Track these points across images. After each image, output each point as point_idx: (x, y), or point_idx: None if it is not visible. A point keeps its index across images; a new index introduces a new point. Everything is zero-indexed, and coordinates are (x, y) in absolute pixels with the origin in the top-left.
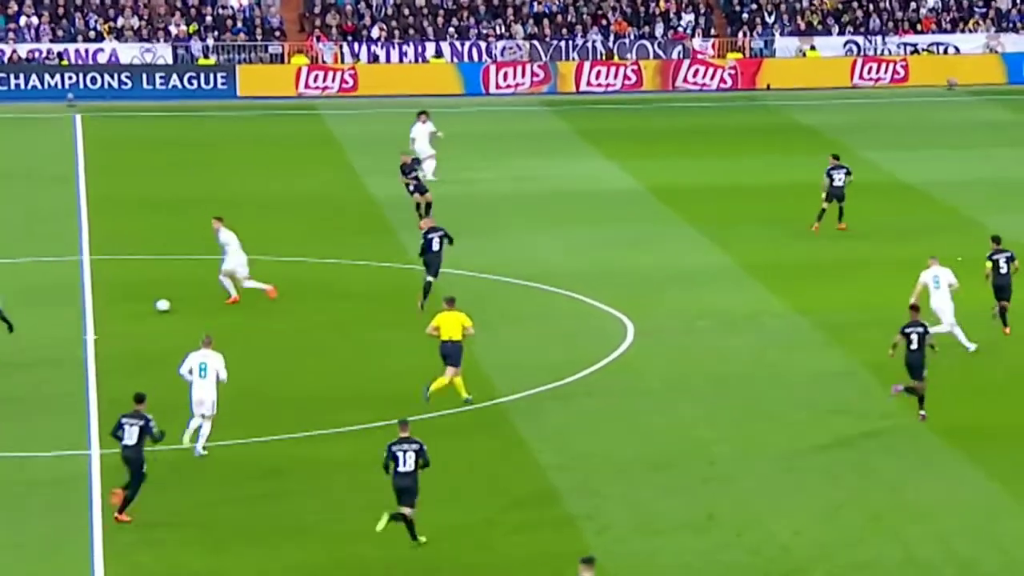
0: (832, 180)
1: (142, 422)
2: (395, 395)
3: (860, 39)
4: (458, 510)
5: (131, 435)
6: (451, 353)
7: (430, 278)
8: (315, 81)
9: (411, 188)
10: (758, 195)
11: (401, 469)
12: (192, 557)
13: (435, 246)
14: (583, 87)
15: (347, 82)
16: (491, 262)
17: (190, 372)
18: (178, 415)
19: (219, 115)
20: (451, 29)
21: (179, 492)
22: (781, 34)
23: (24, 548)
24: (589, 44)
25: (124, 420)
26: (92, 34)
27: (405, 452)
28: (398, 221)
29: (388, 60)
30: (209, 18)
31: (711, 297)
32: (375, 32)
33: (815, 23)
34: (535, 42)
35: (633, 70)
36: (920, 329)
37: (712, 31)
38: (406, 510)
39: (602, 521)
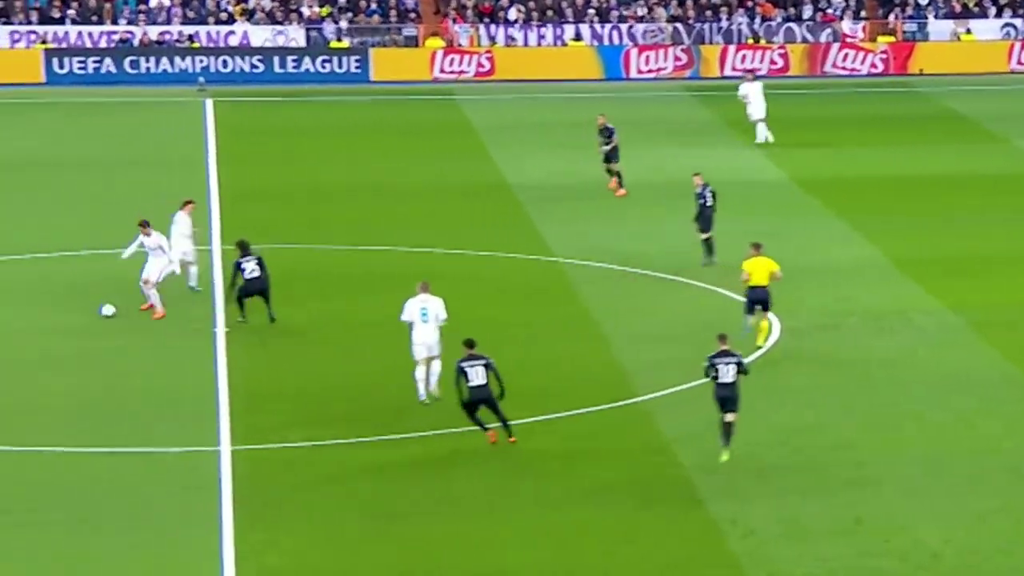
0: None
1: (483, 362)
2: (537, 388)
3: (1018, 21)
4: (598, 511)
5: (477, 374)
6: (759, 299)
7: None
8: (450, 65)
9: (604, 154)
10: (909, 186)
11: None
12: (320, 558)
13: (709, 200)
14: (727, 72)
15: (483, 66)
16: (629, 253)
17: (411, 317)
18: (308, 412)
19: (351, 100)
20: (591, 11)
21: (308, 492)
22: (935, 16)
23: (153, 548)
24: (734, 27)
25: (464, 364)
26: (224, 16)
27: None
28: (535, 210)
29: (526, 43)
30: None
31: (859, 292)
32: (512, 14)
33: (971, 5)
34: (678, 25)
35: (780, 54)
36: None
37: (863, 13)
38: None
39: (746, 525)
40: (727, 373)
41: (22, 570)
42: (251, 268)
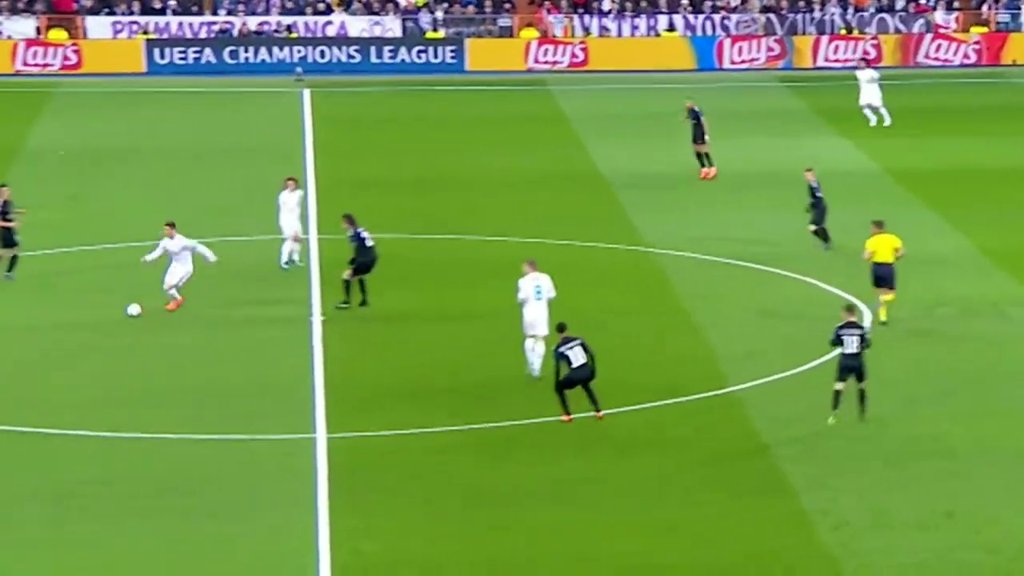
0: None
1: (579, 342)
2: (632, 377)
3: None
4: (686, 503)
5: (577, 356)
6: (884, 275)
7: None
8: (545, 55)
9: (695, 135)
10: (1002, 178)
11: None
12: (414, 546)
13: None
14: (820, 62)
15: (577, 56)
16: (721, 244)
17: (527, 296)
18: (404, 399)
19: (447, 90)
20: (684, 1)
21: (405, 479)
22: None
23: (248, 536)
24: (827, 17)
25: (563, 349)
26: (321, 6)
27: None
28: (628, 201)
29: (619, 34)
30: None
31: (951, 284)
32: (606, 4)
33: None
34: (771, 15)
35: (872, 45)
36: None
37: (955, 4)
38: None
39: (837, 516)
40: (851, 344)
41: (133, 552)
42: (371, 240)
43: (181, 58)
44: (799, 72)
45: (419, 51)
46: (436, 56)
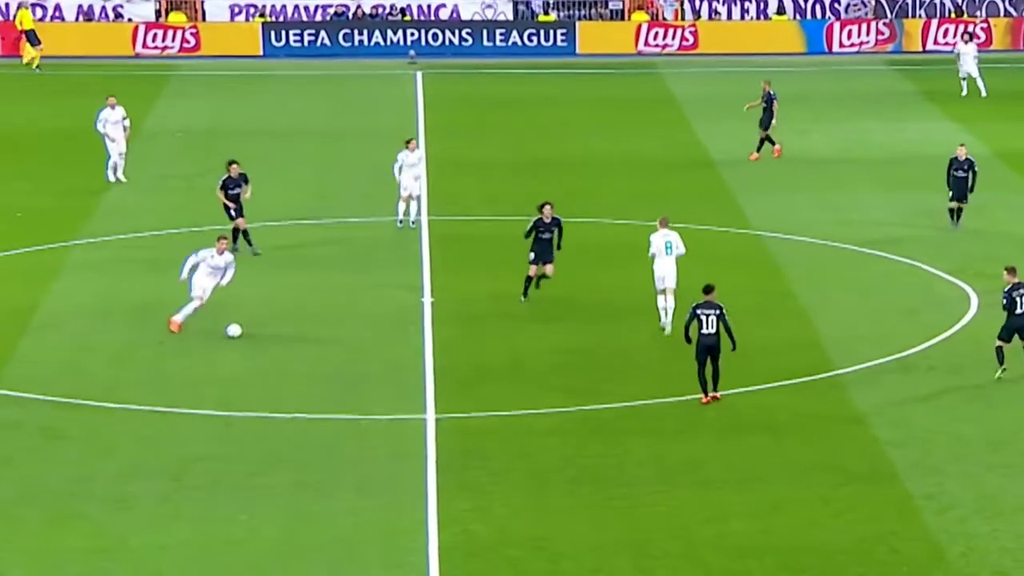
0: None
1: (717, 311)
2: (738, 360)
3: None
4: (791, 485)
5: (710, 323)
6: None
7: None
8: (655, 39)
9: (763, 120)
10: None
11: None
12: (524, 526)
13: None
14: (930, 46)
15: (687, 40)
16: (828, 227)
17: (658, 251)
18: (512, 381)
19: (558, 73)
20: None
21: (512, 460)
22: None
23: (358, 515)
24: (937, 1)
25: (699, 310)
26: None
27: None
28: (737, 184)
29: (729, 17)
30: None
31: None
32: None
33: None
34: None
35: (982, 28)
36: None
37: None
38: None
39: (942, 501)
40: (1021, 304)
41: (246, 529)
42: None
43: (296, 41)
44: (909, 55)
45: (530, 34)
46: (547, 39)
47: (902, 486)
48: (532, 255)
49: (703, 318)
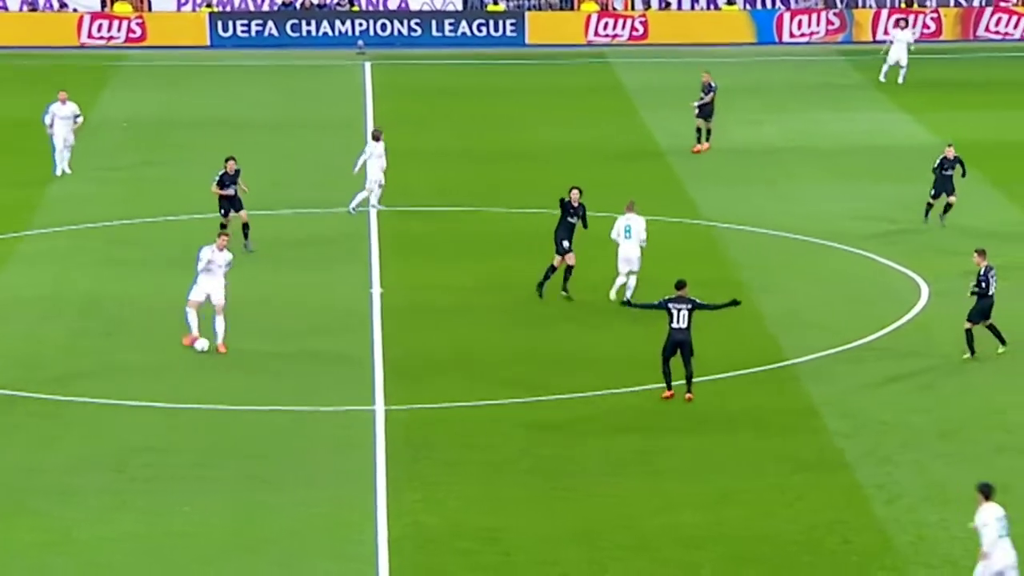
0: None
1: (689, 305)
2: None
3: None
4: (742, 476)
5: (681, 317)
6: None
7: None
8: (605, 28)
9: (697, 109)
10: None
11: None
12: (475, 517)
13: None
14: (880, 36)
15: (637, 30)
16: (779, 217)
17: (618, 235)
18: (463, 372)
19: (508, 63)
20: None
21: (463, 451)
22: None
23: (307, 507)
24: None
25: (671, 304)
26: None
27: (679, 309)
28: (687, 174)
29: (679, 7)
30: None
31: (1010, 258)
32: None
33: None
34: None
35: (932, 18)
36: None
37: None
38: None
39: (892, 490)
40: (993, 286)
41: (192, 522)
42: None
43: (244, 31)
44: (859, 45)
45: (479, 24)
46: (496, 29)
47: (852, 476)
48: (565, 243)
49: (674, 312)
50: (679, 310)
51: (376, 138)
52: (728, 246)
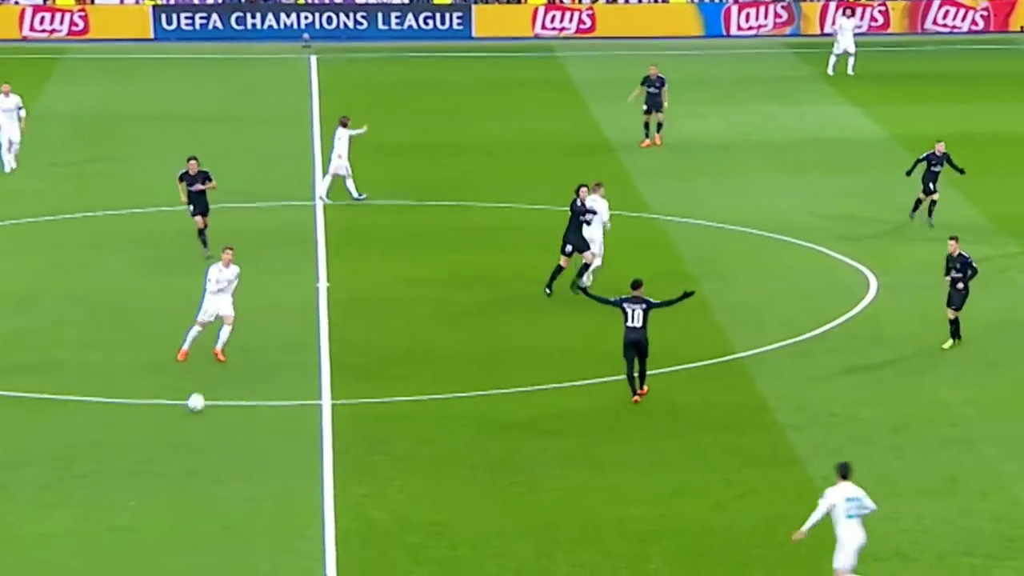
0: None
1: (644, 305)
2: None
3: None
4: (692, 469)
5: (636, 316)
6: None
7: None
8: (552, 22)
9: (645, 106)
10: (1010, 144)
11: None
12: (423, 512)
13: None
14: (828, 28)
15: (584, 23)
16: (727, 211)
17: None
18: (411, 366)
19: (454, 56)
20: None
21: (411, 446)
22: None
23: (255, 501)
24: None
25: (626, 304)
26: None
27: (634, 309)
28: (635, 168)
29: (627, 0)
30: None
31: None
32: None
33: None
34: None
35: (880, 11)
36: None
37: None
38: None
39: None
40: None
41: (135, 517)
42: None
43: (188, 24)
44: (807, 39)
45: (426, 17)
46: (443, 22)
47: (803, 469)
48: (568, 247)
49: (629, 311)
50: (634, 309)
51: (344, 124)
52: (677, 240)
